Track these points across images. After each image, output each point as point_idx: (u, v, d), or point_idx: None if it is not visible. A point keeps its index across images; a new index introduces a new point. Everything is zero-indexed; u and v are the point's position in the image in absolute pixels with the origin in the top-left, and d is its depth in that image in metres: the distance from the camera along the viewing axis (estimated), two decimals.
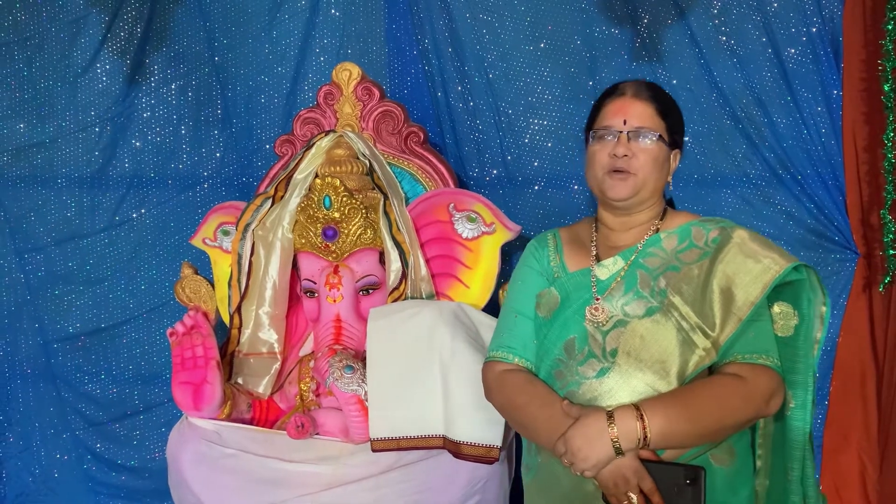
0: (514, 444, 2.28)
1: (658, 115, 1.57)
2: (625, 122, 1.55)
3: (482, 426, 1.95)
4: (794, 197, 2.57)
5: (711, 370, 1.50)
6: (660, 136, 1.56)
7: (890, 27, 2.34)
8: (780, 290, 1.52)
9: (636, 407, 1.39)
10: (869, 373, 2.55)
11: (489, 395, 1.68)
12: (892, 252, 2.40)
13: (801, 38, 2.52)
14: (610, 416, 1.39)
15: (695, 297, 1.47)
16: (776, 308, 1.53)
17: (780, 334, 1.52)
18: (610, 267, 1.58)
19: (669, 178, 1.64)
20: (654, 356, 1.46)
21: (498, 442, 1.95)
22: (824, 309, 1.53)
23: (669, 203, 1.72)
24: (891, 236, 2.39)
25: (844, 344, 2.56)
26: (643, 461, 1.39)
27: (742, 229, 1.56)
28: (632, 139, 1.55)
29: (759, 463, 1.60)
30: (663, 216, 1.64)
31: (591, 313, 1.53)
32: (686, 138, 2.59)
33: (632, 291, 1.52)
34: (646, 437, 1.37)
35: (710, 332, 1.46)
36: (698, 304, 1.47)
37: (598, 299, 1.54)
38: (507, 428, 1.99)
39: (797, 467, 1.51)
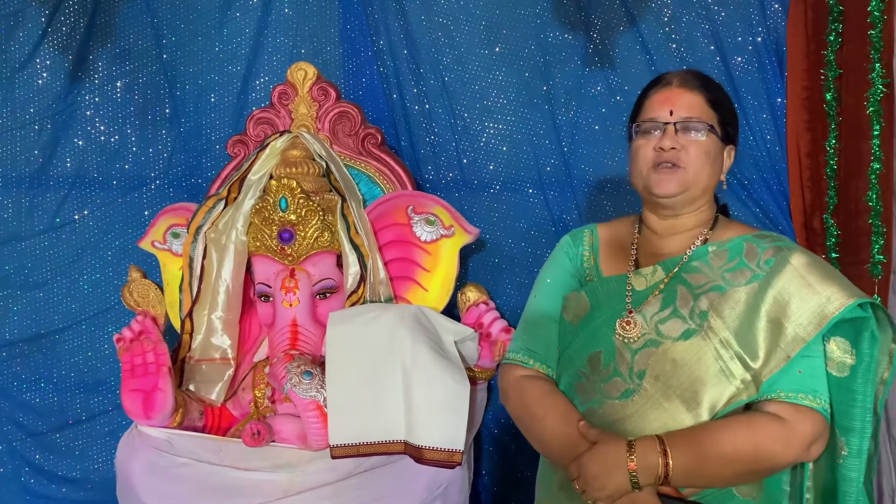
0: (471, 450, 2.28)
1: (708, 105, 1.44)
2: (671, 113, 1.43)
3: (444, 430, 1.94)
4: (740, 201, 2.64)
5: (749, 406, 1.37)
6: (711, 127, 1.43)
7: (831, 38, 2.42)
8: (838, 325, 1.36)
9: (661, 440, 1.29)
10: None
11: (504, 400, 1.57)
12: (834, 255, 2.48)
13: (748, 47, 2.59)
14: (630, 446, 1.29)
15: (739, 323, 1.34)
16: (832, 345, 1.36)
17: (834, 374, 1.35)
18: (648, 277, 1.45)
19: (723, 177, 1.51)
20: (685, 384, 1.33)
21: (460, 446, 1.94)
22: (894, 347, 1.36)
23: (723, 210, 1.59)
24: (833, 240, 2.47)
25: None
26: (661, 495, 1.31)
27: (801, 252, 1.41)
28: (680, 131, 1.42)
29: None
30: (714, 225, 1.50)
31: (622, 327, 1.40)
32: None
33: (669, 308, 1.39)
34: (667, 473, 1.28)
35: (751, 363, 1.33)
36: (742, 331, 1.33)
37: (630, 312, 1.41)
38: (468, 431, 1.99)
39: None
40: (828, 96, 2.46)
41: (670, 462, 1.27)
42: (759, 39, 2.59)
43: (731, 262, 1.40)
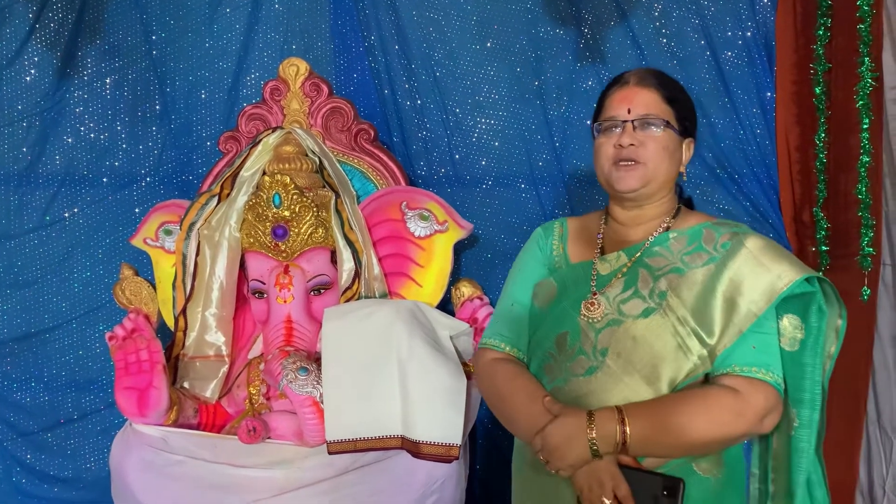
0: (467, 444, 2.28)
1: (665, 102, 1.50)
2: (629, 111, 1.49)
3: (441, 425, 1.94)
4: (731, 195, 2.66)
5: (707, 380, 1.43)
6: (668, 122, 1.49)
7: (820, 32, 2.44)
8: (789, 302, 1.43)
9: (619, 410, 1.35)
10: None
11: (478, 381, 1.64)
12: (824, 248, 2.50)
13: (738, 41, 2.61)
14: (590, 416, 1.35)
15: (696, 302, 1.41)
16: (784, 321, 1.43)
17: (786, 349, 1.42)
18: (612, 262, 1.52)
19: (683, 169, 1.57)
20: (645, 360, 1.40)
21: (458, 440, 1.95)
22: (840, 322, 1.43)
23: (688, 203, 1.66)
24: (823, 233, 2.49)
25: None
26: (622, 467, 1.35)
27: (756, 237, 1.48)
28: (638, 128, 1.48)
29: (773, 487, 1.49)
30: (676, 214, 1.56)
31: (587, 308, 1.47)
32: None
33: (631, 290, 1.46)
34: (625, 441, 1.32)
35: (707, 339, 1.39)
36: (699, 309, 1.40)
37: (594, 294, 1.49)
38: (465, 427, 1.99)
39: (801, 493, 1.42)
40: (817, 90, 2.47)
41: (627, 430, 1.32)
42: (749, 34, 2.61)
43: (690, 247, 1.47)
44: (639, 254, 1.50)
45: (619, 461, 1.36)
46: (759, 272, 1.41)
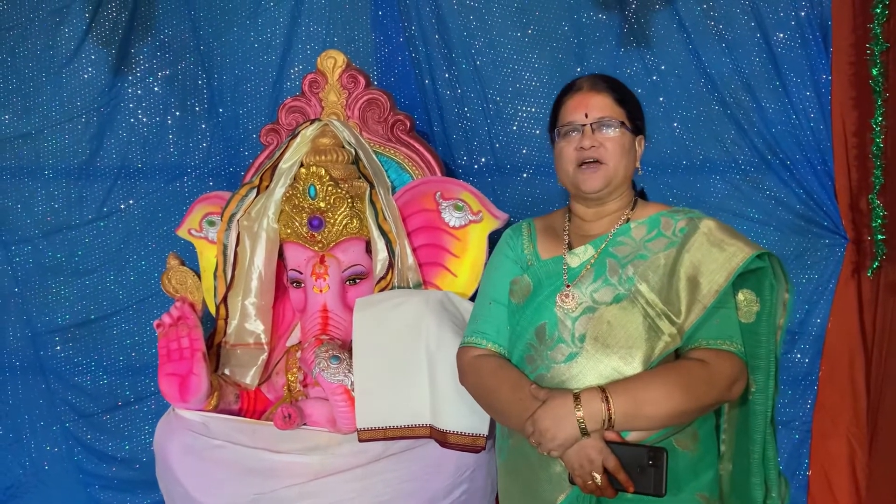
0: None
1: (617, 104, 1.61)
2: (586, 115, 1.59)
3: (468, 415, 1.94)
4: (783, 182, 2.57)
5: (678, 355, 1.54)
6: (622, 122, 1.60)
7: (878, 10, 2.33)
8: (745, 278, 1.55)
9: (602, 389, 1.44)
10: (857, 357, 2.55)
11: (462, 379, 1.74)
12: (880, 237, 2.40)
13: (790, 22, 2.51)
14: (576, 397, 1.44)
15: (661, 284, 1.51)
16: (741, 295, 1.56)
17: (743, 321, 1.55)
18: (581, 255, 1.62)
19: (638, 164, 1.67)
20: (620, 342, 1.50)
21: (484, 430, 1.94)
22: (787, 296, 1.57)
23: (641, 195, 1.75)
24: (879, 221, 2.39)
25: (833, 329, 2.56)
26: (608, 442, 1.44)
27: (709, 220, 1.59)
28: (596, 130, 1.59)
29: (723, 448, 1.63)
30: (634, 206, 1.68)
31: (562, 300, 1.57)
32: (675, 124, 2.61)
33: (601, 279, 1.56)
34: (610, 418, 1.42)
35: (675, 318, 1.49)
36: (664, 291, 1.51)
37: (568, 286, 1.58)
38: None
39: (758, 450, 1.55)
40: (874, 72, 2.37)
41: (612, 407, 1.42)
42: (803, 14, 2.51)
43: (651, 234, 1.59)
44: (604, 245, 1.62)
45: (605, 437, 1.44)
46: (716, 251, 1.52)
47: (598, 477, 1.43)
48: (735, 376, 1.49)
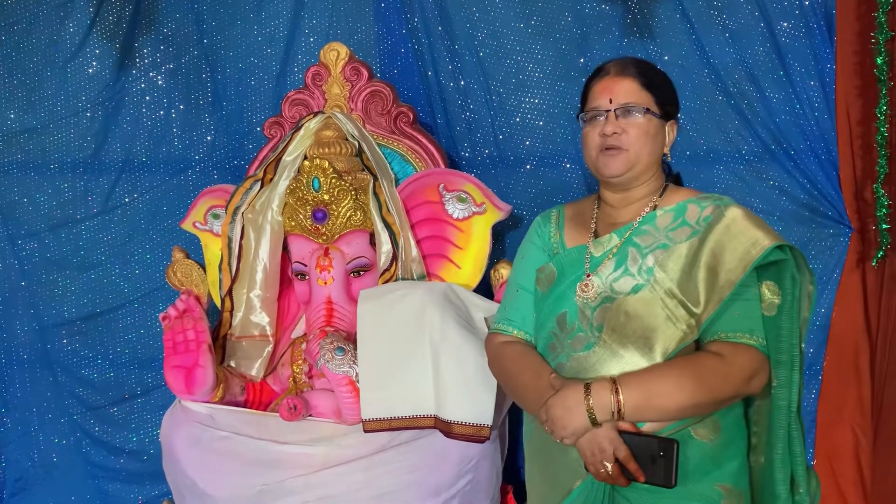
0: (506, 424, 2.29)
1: (644, 89, 1.58)
2: (611, 101, 1.57)
3: (472, 406, 1.96)
4: (787, 172, 2.56)
5: (698, 347, 1.52)
6: (647, 109, 1.57)
7: None
8: (767, 269, 1.53)
9: (613, 381, 1.44)
10: (862, 347, 2.55)
11: (490, 365, 1.76)
12: (885, 226, 2.39)
13: (794, 11, 2.49)
14: (587, 388, 1.44)
15: (681, 275, 1.50)
16: (764, 288, 1.53)
17: (766, 314, 1.52)
18: (605, 244, 1.61)
19: (666, 150, 1.64)
20: (637, 332, 1.49)
21: (488, 421, 1.96)
22: (811, 288, 1.55)
23: (677, 179, 1.73)
24: (884, 210, 2.38)
25: (838, 318, 2.56)
26: (621, 433, 1.44)
27: (736, 208, 1.56)
28: (620, 116, 1.57)
29: (754, 440, 1.60)
30: (663, 192, 1.64)
31: (581, 289, 1.57)
32: (678, 115, 2.60)
33: (621, 268, 1.55)
34: (619, 409, 1.42)
35: (694, 309, 1.48)
36: (684, 281, 1.49)
37: (588, 276, 1.58)
38: (498, 407, 2.00)
39: (780, 445, 1.52)
40: (879, 60, 2.35)
41: (621, 398, 1.42)
42: (807, 3, 2.49)
43: (675, 223, 1.56)
44: (629, 233, 1.60)
45: (619, 427, 1.45)
46: (736, 242, 1.50)
47: (609, 466, 1.43)
48: (754, 370, 1.47)
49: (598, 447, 1.44)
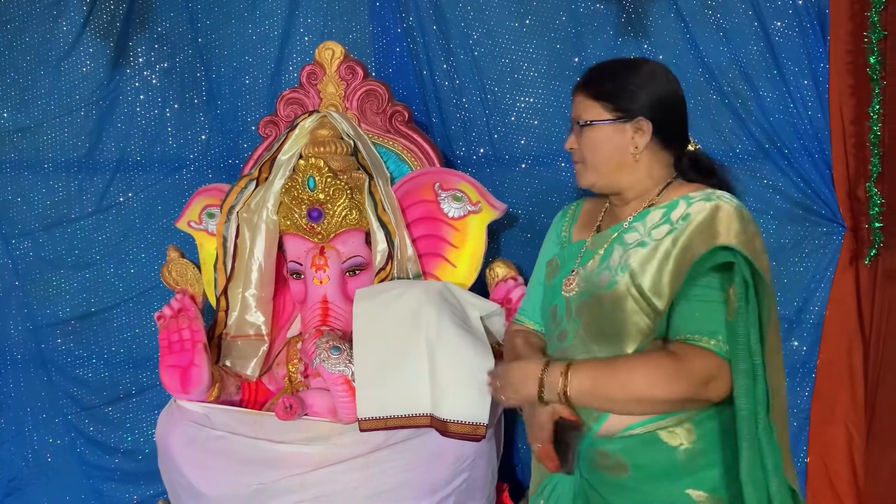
0: (502, 421, 2.29)
1: (590, 99, 1.58)
2: (572, 119, 1.63)
3: (468, 404, 1.96)
4: (780, 171, 2.57)
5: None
6: (592, 120, 1.56)
7: None
8: (734, 272, 1.44)
9: (568, 365, 1.48)
10: (855, 345, 2.56)
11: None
12: (878, 225, 2.40)
13: (788, 10, 2.50)
14: (546, 364, 1.50)
15: (653, 272, 1.48)
16: (730, 291, 1.45)
17: (728, 319, 1.45)
18: (600, 240, 1.62)
19: (633, 150, 1.56)
20: (608, 328, 1.51)
21: (484, 420, 1.96)
22: (768, 294, 1.46)
23: (688, 174, 1.63)
24: (877, 209, 2.39)
25: (831, 317, 2.57)
26: (560, 419, 1.48)
27: (722, 202, 1.48)
28: (578, 131, 1.60)
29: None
30: (665, 188, 1.59)
31: (566, 284, 1.60)
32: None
33: (604, 264, 1.56)
34: (565, 391, 1.45)
35: (657, 305, 1.46)
36: (655, 278, 1.48)
37: (574, 271, 1.60)
38: (493, 406, 2.01)
39: (747, 457, 1.42)
40: (872, 60, 2.37)
41: (568, 382, 1.45)
42: (800, 2, 2.50)
43: (661, 220, 1.54)
44: (620, 231, 1.60)
45: (561, 414, 1.49)
46: (699, 239, 1.46)
47: (537, 446, 1.51)
48: (710, 375, 1.42)
49: (537, 425, 1.51)
